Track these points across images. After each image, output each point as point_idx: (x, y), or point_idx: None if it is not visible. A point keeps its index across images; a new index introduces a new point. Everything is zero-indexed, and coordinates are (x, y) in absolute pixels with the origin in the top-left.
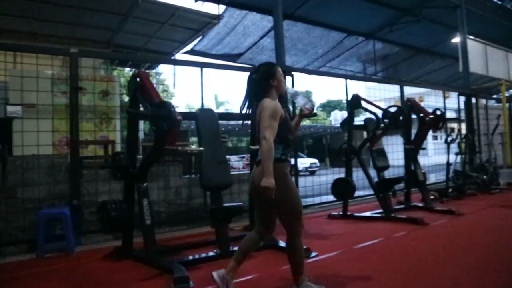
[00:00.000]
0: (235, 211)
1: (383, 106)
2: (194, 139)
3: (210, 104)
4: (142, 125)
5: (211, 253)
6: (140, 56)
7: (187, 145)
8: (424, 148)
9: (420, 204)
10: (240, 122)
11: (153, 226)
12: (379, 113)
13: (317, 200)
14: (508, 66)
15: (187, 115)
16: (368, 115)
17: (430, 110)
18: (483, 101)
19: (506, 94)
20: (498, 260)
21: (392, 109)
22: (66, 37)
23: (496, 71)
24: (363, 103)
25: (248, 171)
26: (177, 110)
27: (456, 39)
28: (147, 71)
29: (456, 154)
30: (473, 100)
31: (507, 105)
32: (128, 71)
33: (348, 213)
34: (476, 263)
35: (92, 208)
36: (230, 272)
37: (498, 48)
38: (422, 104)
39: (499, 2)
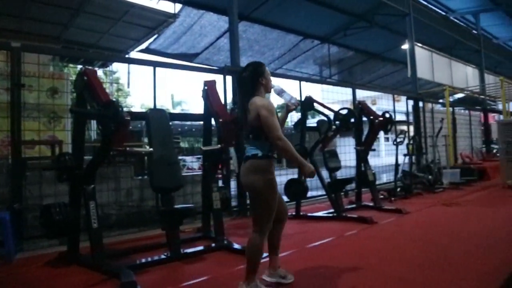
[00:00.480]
0: (186, 213)
1: (338, 108)
2: None
3: (167, 104)
4: (94, 124)
5: (161, 256)
6: (92, 53)
7: (141, 145)
8: (374, 149)
9: (370, 204)
10: (197, 122)
11: (100, 230)
12: (332, 115)
13: None
14: (451, 73)
15: (137, 115)
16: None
17: (381, 113)
18: (429, 105)
19: (450, 99)
20: (440, 256)
21: (343, 112)
22: (12, 31)
23: (441, 77)
24: (316, 105)
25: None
26: (130, 109)
27: (405, 46)
28: (100, 69)
29: (405, 155)
30: (421, 103)
31: (450, 109)
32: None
33: (301, 214)
34: (420, 259)
35: (36, 212)
36: (250, 279)
37: (443, 56)
38: (374, 107)
39: (443, 13)
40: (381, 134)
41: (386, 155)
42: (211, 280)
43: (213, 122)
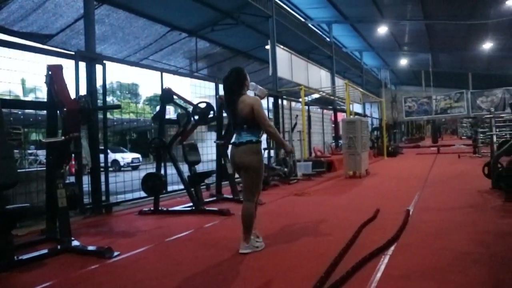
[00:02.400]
0: (18, 214)
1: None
2: None
3: (17, 90)
4: None
5: None
6: None
7: None
8: None
9: (230, 196)
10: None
11: None
12: (191, 108)
13: (136, 195)
14: (307, 75)
15: None
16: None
17: None
18: (293, 103)
19: (308, 99)
20: (285, 241)
21: (202, 105)
22: None
23: (299, 77)
24: (176, 98)
25: None
26: None
27: (268, 46)
28: None
29: (264, 149)
30: (280, 101)
31: (306, 107)
32: None
33: (160, 208)
34: (270, 247)
35: None
36: (248, 239)
37: (301, 58)
38: None
39: (303, 20)
40: None
41: None
42: (54, 287)
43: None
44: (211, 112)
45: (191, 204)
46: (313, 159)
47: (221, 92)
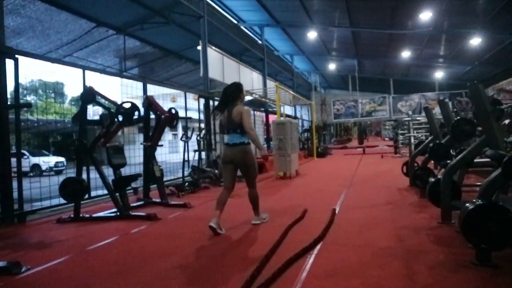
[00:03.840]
0: None
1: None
2: None
3: None
4: None
5: None
6: None
7: None
8: (161, 145)
9: (158, 200)
10: None
11: None
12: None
13: (55, 202)
14: (239, 76)
15: None
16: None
17: (180, 111)
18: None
19: None
20: (214, 248)
21: (126, 105)
22: None
23: (231, 79)
24: (98, 97)
25: None
26: None
27: (200, 47)
28: None
29: (195, 151)
30: (212, 102)
31: None
32: None
33: (81, 215)
34: (197, 252)
35: None
36: (258, 214)
37: (233, 60)
38: (173, 104)
39: (235, 22)
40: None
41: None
42: None
43: None
44: (136, 112)
45: (116, 209)
46: None
47: (149, 92)
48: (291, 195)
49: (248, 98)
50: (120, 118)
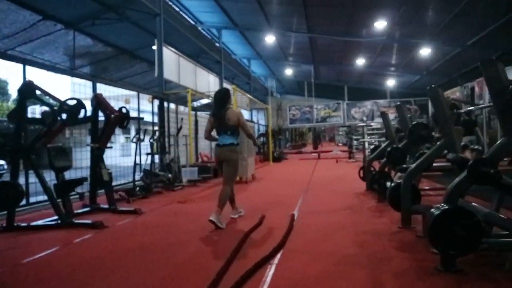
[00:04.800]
0: None
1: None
2: None
3: None
4: None
5: None
6: None
7: None
8: (111, 147)
9: (106, 206)
10: None
11: None
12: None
13: None
14: (195, 78)
15: None
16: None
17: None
18: (181, 107)
19: (197, 104)
20: (168, 257)
21: (71, 102)
22: None
23: (187, 81)
24: (38, 93)
25: None
26: None
27: (155, 46)
28: None
29: (147, 154)
30: (166, 104)
31: (193, 112)
32: None
33: (16, 224)
34: (146, 265)
35: None
36: (219, 212)
37: (189, 61)
38: (128, 105)
39: (193, 23)
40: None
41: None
42: None
43: None
44: (83, 111)
45: (57, 217)
46: (199, 164)
47: (99, 90)
48: (248, 200)
49: (205, 101)
50: (64, 117)
